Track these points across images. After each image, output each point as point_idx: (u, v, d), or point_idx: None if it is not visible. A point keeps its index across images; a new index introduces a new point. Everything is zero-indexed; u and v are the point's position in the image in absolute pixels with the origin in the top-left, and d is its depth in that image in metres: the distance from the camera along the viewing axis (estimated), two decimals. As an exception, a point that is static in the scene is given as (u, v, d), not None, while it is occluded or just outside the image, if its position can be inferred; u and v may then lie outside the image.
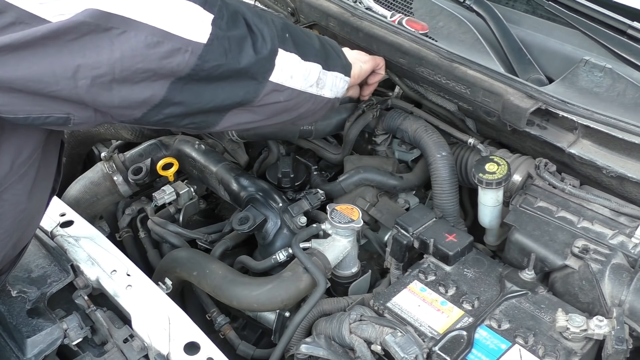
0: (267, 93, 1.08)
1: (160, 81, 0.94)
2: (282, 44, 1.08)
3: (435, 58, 1.44)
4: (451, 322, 1.18)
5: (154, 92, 0.95)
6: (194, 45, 0.94)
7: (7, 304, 1.22)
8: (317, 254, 1.38)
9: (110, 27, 0.87)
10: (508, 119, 1.35)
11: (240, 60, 1.00)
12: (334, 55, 1.27)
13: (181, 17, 0.93)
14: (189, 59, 0.94)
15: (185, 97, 0.98)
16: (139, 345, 1.19)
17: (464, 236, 1.35)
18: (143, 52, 0.90)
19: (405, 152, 1.71)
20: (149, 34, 0.89)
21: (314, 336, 1.24)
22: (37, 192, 1.08)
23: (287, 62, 1.09)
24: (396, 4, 1.74)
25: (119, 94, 0.92)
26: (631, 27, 1.38)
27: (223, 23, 0.98)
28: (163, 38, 0.91)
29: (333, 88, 1.25)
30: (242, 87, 1.04)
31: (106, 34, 0.87)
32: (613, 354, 1.07)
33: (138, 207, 1.86)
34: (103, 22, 0.86)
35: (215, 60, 0.97)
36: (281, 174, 1.64)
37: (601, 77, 1.34)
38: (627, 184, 1.29)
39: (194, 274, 1.43)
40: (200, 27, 0.95)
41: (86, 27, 0.86)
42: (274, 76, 1.07)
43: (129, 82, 0.91)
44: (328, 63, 1.22)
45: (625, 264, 1.20)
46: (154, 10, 0.90)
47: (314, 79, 1.17)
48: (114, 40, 0.88)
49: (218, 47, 0.96)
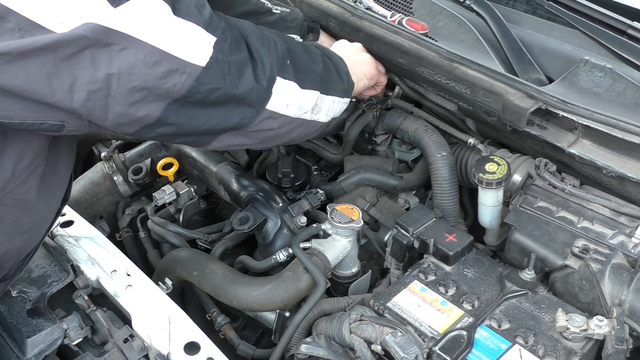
0: (261, 120, 1.07)
1: (157, 102, 0.94)
2: (282, 72, 1.07)
3: (435, 58, 1.44)
4: (451, 322, 1.18)
5: (149, 112, 0.95)
6: (192, 68, 0.93)
7: (7, 304, 1.22)
8: (317, 254, 1.38)
9: (110, 42, 0.87)
10: (508, 118, 1.35)
11: (238, 86, 1.00)
12: (336, 79, 1.25)
13: (182, 38, 0.92)
14: (185, 81, 0.93)
15: (180, 119, 0.98)
16: (139, 345, 1.19)
17: (464, 236, 1.35)
18: (141, 70, 0.89)
19: (405, 152, 1.71)
20: (148, 53, 0.89)
21: (314, 336, 1.24)
22: (43, 198, 1.08)
23: (285, 91, 1.08)
24: (396, 4, 1.74)
25: (113, 111, 0.92)
26: (631, 27, 1.38)
27: (225, 46, 0.97)
28: (162, 58, 0.90)
29: (329, 112, 1.24)
30: (238, 113, 1.04)
31: (106, 49, 0.87)
32: (613, 353, 1.07)
33: (138, 207, 1.86)
34: (104, 38, 0.86)
35: (212, 84, 0.96)
36: (281, 174, 1.64)
37: (601, 77, 1.34)
38: (627, 184, 1.29)
39: (194, 274, 1.43)
40: (200, 50, 0.94)
41: (86, 41, 0.85)
42: (270, 104, 1.07)
43: (124, 99, 0.91)
44: (327, 87, 1.21)
45: (626, 264, 1.20)
46: (156, 30, 0.90)
47: (310, 105, 1.17)
48: (113, 56, 0.88)
49: (217, 70, 0.96)
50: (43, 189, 1.06)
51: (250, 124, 1.06)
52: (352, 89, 1.31)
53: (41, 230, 1.16)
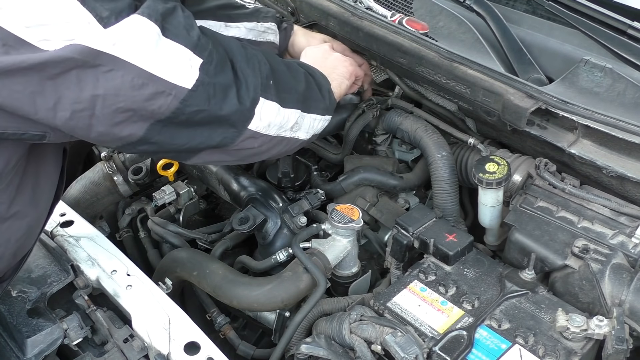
0: (243, 140, 1.09)
1: (140, 122, 0.94)
2: (264, 93, 1.08)
3: (436, 58, 1.44)
4: (451, 322, 1.18)
5: (132, 131, 0.95)
6: (178, 90, 0.94)
7: (7, 304, 1.23)
8: (317, 254, 1.38)
9: (98, 64, 0.87)
10: (508, 118, 1.35)
11: (222, 107, 1.01)
12: (318, 97, 1.26)
13: (170, 60, 0.93)
14: (170, 102, 0.94)
15: (162, 138, 0.99)
16: (139, 345, 1.19)
17: (464, 236, 1.35)
18: (127, 92, 0.90)
19: (405, 152, 1.71)
20: (135, 76, 0.89)
21: (314, 336, 1.24)
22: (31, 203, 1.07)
23: (266, 111, 1.09)
24: (396, 3, 1.74)
25: (96, 130, 0.93)
26: (631, 27, 1.38)
27: (211, 68, 0.98)
28: (149, 80, 0.90)
29: (309, 130, 1.25)
30: (220, 133, 1.05)
31: (92, 70, 0.87)
32: (613, 353, 1.07)
33: (138, 207, 1.86)
34: (91, 59, 0.86)
35: (197, 106, 0.97)
36: (281, 174, 1.64)
37: (601, 77, 1.34)
38: (627, 184, 1.29)
39: (194, 274, 1.43)
40: (187, 72, 0.95)
41: (73, 62, 0.85)
42: (252, 124, 1.08)
43: (108, 120, 0.92)
44: (309, 106, 1.22)
45: (626, 264, 1.20)
46: (145, 52, 0.90)
47: (290, 124, 1.18)
48: (99, 77, 0.87)
49: (202, 93, 0.97)
50: (35, 190, 1.06)
51: (231, 143, 1.08)
52: (333, 106, 1.32)
53: (35, 231, 1.16)
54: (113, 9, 0.87)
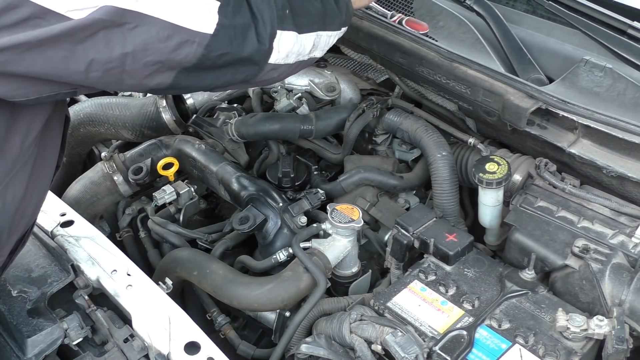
0: (265, 73, 1.11)
1: (168, 72, 0.97)
2: (281, 24, 1.09)
3: (436, 58, 1.44)
4: (451, 322, 1.18)
5: (161, 81, 0.98)
6: (201, 36, 0.96)
7: (7, 304, 1.22)
8: (317, 253, 1.38)
9: (123, 22, 0.89)
10: (508, 118, 1.35)
11: (244, 48, 1.03)
12: (334, 12, 1.24)
13: (190, 7, 0.95)
14: (196, 50, 0.96)
15: (190, 83, 1.02)
16: (139, 345, 1.19)
17: (465, 236, 1.35)
18: (154, 45, 0.92)
19: (405, 151, 1.71)
20: (160, 28, 0.92)
21: (314, 336, 1.24)
22: (41, 170, 1.09)
23: (285, 42, 1.10)
24: (396, 4, 1.74)
25: (127, 83, 0.96)
26: (631, 27, 1.38)
27: (229, 9, 0.99)
28: (173, 31, 0.93)
29: (325, 47, 1.25)
30: (243, 71, 1.07)
31: (119, 29, 0.89)
32: (613, 353, 1.07)
33: (138, 207, 1.86)
34: (117, 18, 0.88)
35: (221, 50, 0.99)
36: (281, 174, 1.64)
37: (601, 77, 1.34)
38: (627, 184, 1.29)
39: (195, 274, 1.43)
40: (207, 17, 0.96)
41: (100, 24, 0.88)
42: (272, 58, 1.09)
43: (138, 74, 0.95)
44: (325, 23, 1.21)
45: (626, 264, 1.20)
46: (165, 4, 0.92)
47: (308, 49, 1.18)
48: (126, 35, 0.90)
49: (224, 36, 0.99)
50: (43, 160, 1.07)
51: (254, 79, 1.11)
52: (350, 18, 1.31)
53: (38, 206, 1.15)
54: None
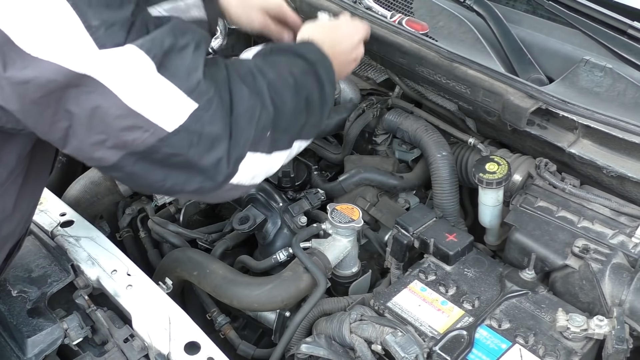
0: (223, 191, 1.00)
1: (114, 150, 0.90)
2: (254, 147, 0.98)
3: (436, 58, 1.44)
4: (451, 322, 1.18)
5: (104, 156, 0.91)
6: (157, 129, 0.88)
7: (7, 304, 1.22)
8: (317, 253, 1.38)
9: (80, 84, 0.83)
10: (508, 118, 1.35)
11: (202, 158, 0.93)
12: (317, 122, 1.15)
13: (157, 99, 0.87)
14: (146, 139, 0.88)
15: (136, 171, 0.93)
16: (139, 345, 1.19)
17: (465, 236, 1.35)
18: (102, 117, 0.86)
19: (405, 151, 1.71)
20: (113, 105, 0.85)
21: (314, 336, 1.24)
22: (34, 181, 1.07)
23: (252, 165, 1.00)
24: (396, 4, 1.74)
25: (71, 143, 0.90)
26: (631, 27, 1.38)
27: (205, 116, 0.90)
28: (127, 114, 0.86)
29: (295, 154, 1.16)
30: (197, 182, 0.97)
31: (74, 89, 0.84)
32: (613, 353, 1.07)
33: (138, 207, 1.86)
34: (76, 81, 0.83)
35: (175, 149, 0.90)
36: (281, 174, 1.64)
37: (601, 77, 1.34)
38: (627, 184, 1.29)
39: (195, 274, 1.43)
40: (173, 114, 0.88)
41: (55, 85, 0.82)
42: (235, 179, 0.99)
43: (83, 137, 0.89)
44: (302, 133, 1.11)
45: (626, 264, 1.20)
46: (130, 86, 0.85)
47: (279, 165, 1.09)
48: (80, 96, 0.84)
49: (183, 139, 0.90)
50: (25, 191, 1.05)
51: (209, 193, 1.00)
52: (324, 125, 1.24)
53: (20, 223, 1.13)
54: (105, 20, 0.82)
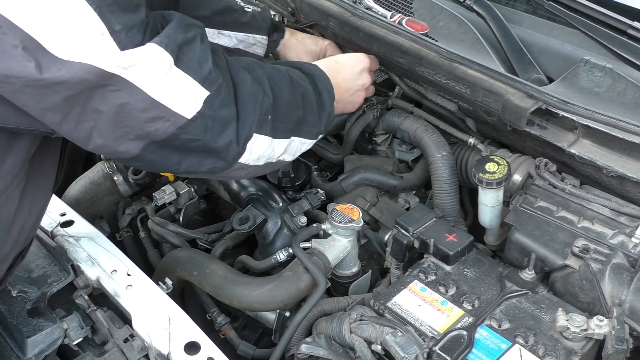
0: (232, 171, 1.12)
1: (136, 141, 0.98)
2: (259, 128, 1.10)
3: (436, 58, 1.44)
4: (451, 322, 1.18)
5: (127, 148, 0.99)
6: (178, 117, 0.97)
7: (7, 304, 1.23)
8: (317, 253, 1.38)
9: (107, 83, 0.90)
10: (508, 118, 1.35)
11: (217, 141, 1.04)
12: (315, 123, 1.26)
13: (176, 90, 0.96)
14: (167, 128, 0.97)
15: (155, 158, 1.03)
16: (139, 345, 1.19)
17: (464, 236, 1.35)
18: (129, 112, 0.94)
19: (405, 152, 1.71)
20: (140, 99, 0.93)
21: (314, 336, 1.24)
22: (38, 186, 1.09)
23: (258, 146, 1.11)
24: (396, 4, 1.74)
25: (95, 141, 0.97)
26: (631, 27, 1.38)
27: (216, 101, 1.01)
28: (152, 106, 0.94)
29: (296, 152, 1.26)
30: (210, 163, 1.08)
31: (102, 89, 0.90)
32: (613, 353, 1.07)
33: (138, 207, 1.86)
34: (103, 80, 0.89)
35: (193, 135, 1.01)
36: (281, 174, 1.64)
37: (601, 77, 1.34)
38: (627, 184, 1.29)
39: (195, 274, 1.43)
40: (190, 103, 0.98)
41: (86, 84, 0.88)
42: (243, 159, 1.10)
43: (107, 134, 0.96)
44: (300, 130, 1.22)
45: (626, 264, 1.20)
46: (154, 79, 0.93)
47: (278, 154, 1.19)
48: (106, 95, 0.91)
49: (200, 124, 1.00)
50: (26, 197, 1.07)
51: (220, 172, 1.11)
52: (328, 128, 1.34)
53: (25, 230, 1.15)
54: (126, 24, 0.89)
